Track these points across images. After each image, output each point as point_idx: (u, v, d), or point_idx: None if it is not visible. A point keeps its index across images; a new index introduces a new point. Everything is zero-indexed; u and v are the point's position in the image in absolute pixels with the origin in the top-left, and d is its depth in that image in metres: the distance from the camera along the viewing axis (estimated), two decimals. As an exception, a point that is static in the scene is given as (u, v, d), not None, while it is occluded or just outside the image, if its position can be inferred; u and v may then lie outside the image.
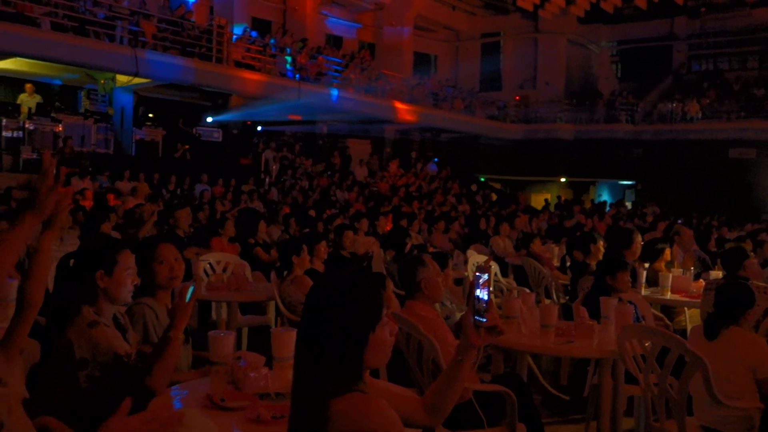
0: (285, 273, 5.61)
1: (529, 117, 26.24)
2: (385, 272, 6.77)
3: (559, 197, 22.68)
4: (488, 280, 2.09)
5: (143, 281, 3.10)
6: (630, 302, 4.50)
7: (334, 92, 19.04)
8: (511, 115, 26.24)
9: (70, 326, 2.59)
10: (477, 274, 2.11)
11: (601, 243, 6.21)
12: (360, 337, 1.85)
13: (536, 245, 8.28)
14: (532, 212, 17.21)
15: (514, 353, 4.62)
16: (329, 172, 19.90)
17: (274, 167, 18.36)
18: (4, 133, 14.60)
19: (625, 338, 3.63)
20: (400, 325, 3.54)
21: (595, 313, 4.26)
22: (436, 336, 3.47)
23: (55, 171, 2.00)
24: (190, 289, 2.76)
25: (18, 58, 14.66)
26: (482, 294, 2.08)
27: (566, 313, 5.07)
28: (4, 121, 14.68)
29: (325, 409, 1.79)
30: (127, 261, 2.77)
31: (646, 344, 3.58)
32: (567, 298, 6.62)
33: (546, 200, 21.93)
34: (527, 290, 6.53)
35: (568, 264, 7.58)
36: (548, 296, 7.26)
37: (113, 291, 2.72)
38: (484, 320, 2.07)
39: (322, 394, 1.81)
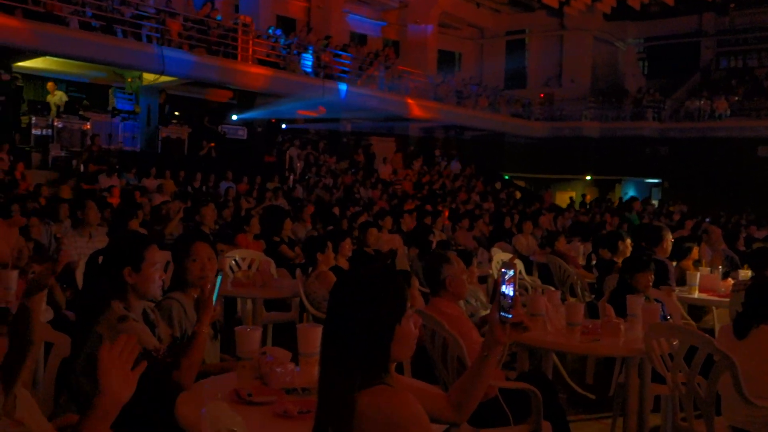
0: (310, 270, 5.63)
1: (554, 115, 26.08)
2: (409, 270, 6.77)
3: (584, 195, 22.51)
4: (514, 277, 2.08)
5: (175, 276, 3.13)
6: (657, 300, 4.46)
7: (343, 88, 19.01)
8: (536, 113, 26.11)
9: (101, 321, 2.63)
10: (503, 270, 2.11)
11: (628, 241, 6.16)
12: (386, 330, 1.86)
13: (561, 243, 8.23)
14: (557, 210, 17.10)
15: (539, 351, 4.60)
16: (353, 170, 19.93)
17: (298, 165, 18.43)
18: (33, 131, 14.81)
19: (652, 337, 3.60)
20: (425, 322, 3.55)
21: (621, 312, 4.23)
22: (461, 333, 3.46)
23: None
24: (218, 282, 2.80)
25: (47, 57, 14.87)
26: (508, 290, 2.07)
27: (592, 311, 5.03)
28: (34, 119, 14.89)
29: (351, 402, 1.80)
30: (155, 257, 2.80)
31: (674, 343, 3.54)
32: (593, 296, 6.57)
33: (571, 198, 21.78)
34: (552, 288, 6.50)
35: (594, 262, 7.52)
36: (573, 295, 7.21)
37: (142, 287, 2.75)
38: (510, 316, 2.07)
39: (348, 388, 1.81)
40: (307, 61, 18.82)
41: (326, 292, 5.46)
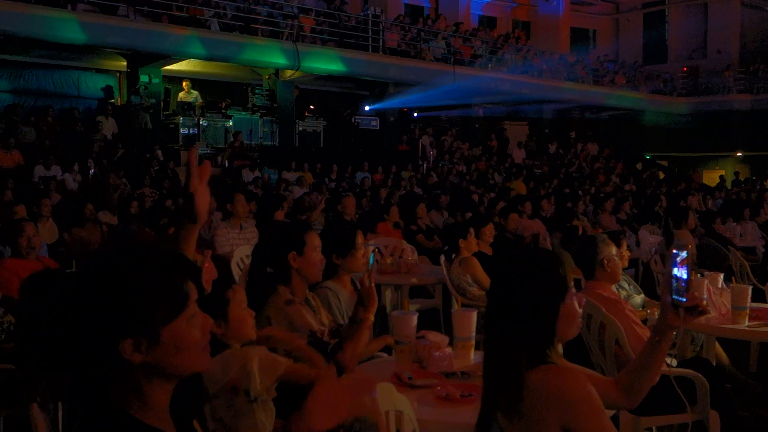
0: (453, 256, 5.62)
1: (699, 89, 24.58)
2: (552, 254, 6.61)
3: (736, 173, 21.08)
4: (687, 258, 1.98)
5: (330, 264, 3.23)
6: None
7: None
8: (679, 88, 24.73)
9: (269, 304, 2.76)
10: (675, 251, 2.01)
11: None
12: (551, 308, 1.86)
13: (717, 224, 7.75)
14: (706, 190, 16.16)
15: (700, 337, 4.36)
16: (486, 156, 19.73)
17: (431, 152, 18.45)
18: (181, 131, 15.68)
19: (833, 321, 3.32)
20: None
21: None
22: (620, 316, 3.35)
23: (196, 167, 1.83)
24: (370, 264, 2.87)
25: (191, 60, 15.70)
26: (681, 273, 1.98)
27: (754, 296, 4.71)
28: (181, 119, 15.78)
29: (519, 382, 1.79)
30: (315, 241, 2.92)
31: None
32: (756, 279, 6.16)
33: (721, 177, 20.47)
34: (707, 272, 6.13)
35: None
36: (730, 278, 6.77)
37: (306, 270, 2.88)
38: (684, 300, 1.97)
39: (516, 368, 1.81)
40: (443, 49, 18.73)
41: (470, 277, 5.44)
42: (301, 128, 17.66)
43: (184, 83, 16.85)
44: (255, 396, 2.08)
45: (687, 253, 1.99)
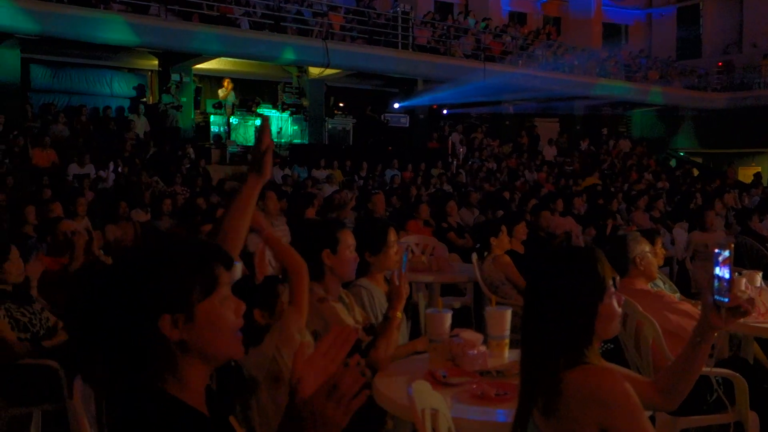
0: (485, 254, 5.59)
1: (734, 84, 24.11)
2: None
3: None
4: (729, 258, 1.94)
5: (362, 262, 3.23)
6: None
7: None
8: (713, 84, 24.30)
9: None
10: (716, 251, 1.98)
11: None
12: (590, 307, 1.83)
13: (754, 222, 7.60)
14: (741, 187, 15.87)
15: (737, 336, 4.29)
16: (517, 153, 19.59)
17: (461, 150, 18.36)
18: (212, 129, 15.82)
19: None
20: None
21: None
22: (662, 303, 3.31)
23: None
24: (404, 262, 2.86)
25: (222, 58, 15.81)
26: (723, 272, 1.94)
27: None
28: (212, 117, 15.91)
29: (556, 382, 1.77)
30: (349, 239, 2.92)
31: None
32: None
33: (757, 174, 20.05)
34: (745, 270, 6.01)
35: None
36: (767, 277, 6.64)
37: (339, 268, 2.88)
38: (726, 300, 1.94)
39: (553, 367, 1.80)
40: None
41: (502, 275, 5.41)
42: (330, 126, 17.71)
43: (225, 81, 17.00)
44: None
45: (729, 253, 1.96)
